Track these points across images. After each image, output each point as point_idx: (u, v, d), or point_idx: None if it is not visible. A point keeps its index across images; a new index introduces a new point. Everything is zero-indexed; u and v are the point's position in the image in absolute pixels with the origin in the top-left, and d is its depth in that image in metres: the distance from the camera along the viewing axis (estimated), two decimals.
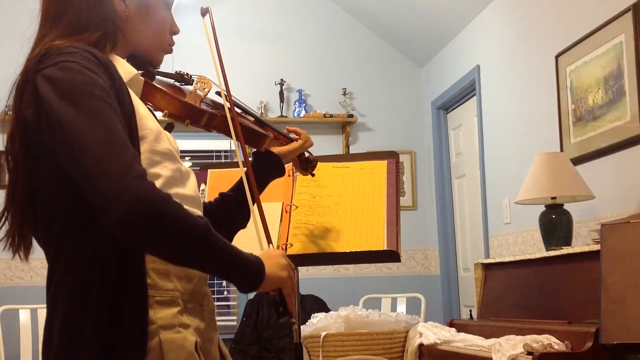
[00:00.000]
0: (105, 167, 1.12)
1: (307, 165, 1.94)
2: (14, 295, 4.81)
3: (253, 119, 1.72)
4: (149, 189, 1.14)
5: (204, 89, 1.47)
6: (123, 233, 1.14)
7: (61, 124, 1.16)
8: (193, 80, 1.51)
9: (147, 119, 1.30)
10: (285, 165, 1.79)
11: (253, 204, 1.47)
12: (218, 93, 1.56)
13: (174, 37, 1.49)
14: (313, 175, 1.98)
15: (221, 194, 1.64)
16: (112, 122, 1.17)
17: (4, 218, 1.31)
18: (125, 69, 1.35)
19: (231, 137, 1.51)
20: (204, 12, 1.56)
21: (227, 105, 1.51)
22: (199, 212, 1.38)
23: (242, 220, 1.62)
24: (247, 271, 1.27)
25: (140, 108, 1.31)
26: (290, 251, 2.16)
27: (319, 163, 1.97)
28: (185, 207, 1.33)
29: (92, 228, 1.22)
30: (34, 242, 1.33)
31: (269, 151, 1.73)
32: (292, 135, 1.83)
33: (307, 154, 1.92)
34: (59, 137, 1.17)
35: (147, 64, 1.44)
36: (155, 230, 1.14)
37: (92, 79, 1.20)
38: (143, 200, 1.12)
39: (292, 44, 5.69)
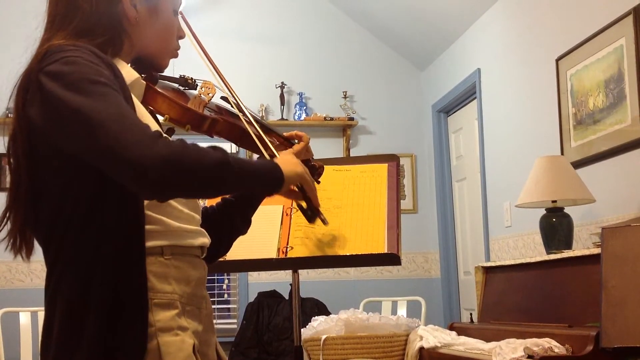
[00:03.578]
0: (126, 138, 1.13)
1: (313, 172, 1.93)
2: (15, 297, 4.81)
3: (258, 124, 1.72)
4: (166, 145, 1.15)
5: (208, 94, 1.47)
6: (161, 192, 1.18)
7: (73, 111, 1.15)
8: (197, 84, 1.50)
9: (148, 121, 1.30)
10: None
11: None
12: (223, 98, 1.56)
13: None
14: (319, 182, 1.97)
15: (223, 199, 1.64)
16: (121, 102, 1.18)
17: (5, 219, 1.30)
18: (127, 72, 1.35)
19: (235, 143, 1.51)
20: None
21: (231, 99, 1.50)
22: (196, 215, 1.39)
23: (242, 225, 1.61)
24: (269, 178, 1.34)
25: (141, 110, 1.31)
26: (290, 254, 2.16)
27: None
28: (183, 209, 1.33)
29: (92, 229, 1.22)
30: (36, 244, 1.32)
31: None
32: (295, 141, 1.83)
33: (312, 161, 1.91)
34: (71, 125, 1.16)
35: (152, 68, 1.44)
36: (186, 179, 1.18)
37: (97, 70, 1.20)
38: (169, 157, 1.14)
39: (292, 47, 5.70)
